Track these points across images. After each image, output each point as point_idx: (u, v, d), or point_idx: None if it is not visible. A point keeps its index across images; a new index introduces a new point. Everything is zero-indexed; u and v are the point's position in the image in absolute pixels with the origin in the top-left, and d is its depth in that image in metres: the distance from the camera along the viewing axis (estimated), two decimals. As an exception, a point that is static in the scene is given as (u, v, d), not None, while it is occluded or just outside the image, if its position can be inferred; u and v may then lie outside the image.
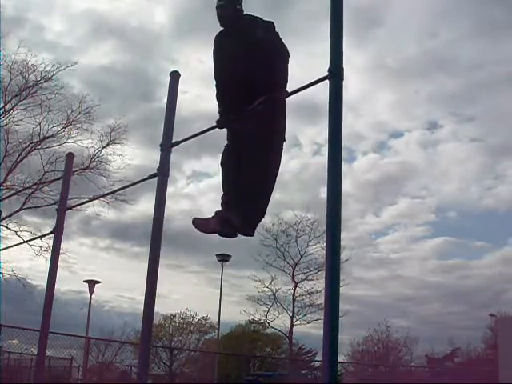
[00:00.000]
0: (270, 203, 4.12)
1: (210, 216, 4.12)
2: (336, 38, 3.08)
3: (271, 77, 3.91)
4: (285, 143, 4.18)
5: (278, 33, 4.07)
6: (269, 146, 4.04)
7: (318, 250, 24.58)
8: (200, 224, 4.16)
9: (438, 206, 44.27)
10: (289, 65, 4.02)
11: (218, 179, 4.30)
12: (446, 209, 49.30)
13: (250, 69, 3.97)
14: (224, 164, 4.22)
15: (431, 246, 43.83)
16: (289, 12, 37.31)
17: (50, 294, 5.32)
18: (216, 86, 4.31)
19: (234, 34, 4.20)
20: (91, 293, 19.75)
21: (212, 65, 4.34)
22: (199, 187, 43.50)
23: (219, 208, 4.14)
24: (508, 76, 41.77)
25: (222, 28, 4.35)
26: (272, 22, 4.08)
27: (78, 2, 37.20)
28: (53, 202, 19.52)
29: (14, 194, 20.92)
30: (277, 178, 4.13)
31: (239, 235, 4.13)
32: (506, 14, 41.34)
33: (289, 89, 3.87)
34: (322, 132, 35.08)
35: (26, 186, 20.91)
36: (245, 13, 4.30)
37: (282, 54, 4.03)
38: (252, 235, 4.13)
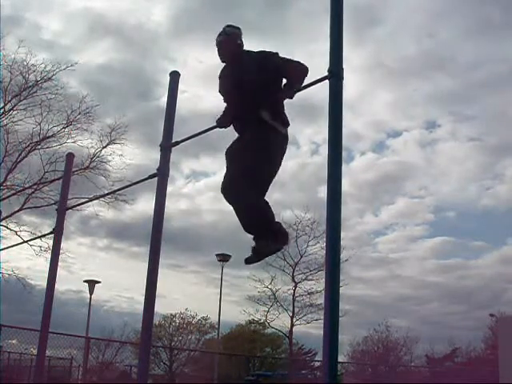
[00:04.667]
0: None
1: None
2: (336, 38, 3.07)
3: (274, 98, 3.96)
4: None
5: (286, 59, 4.04)
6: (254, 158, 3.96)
7: (317, 250, 24.57)
8: (250, 261, 4.06)
9: (437, 205, 44.35)
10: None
11: (216, 179, 4.33)
12: (444, 208, 49.36)
13: (250, 91, 3.98)
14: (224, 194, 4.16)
15: (430, 246, 43.94)
16: (288, 11, 37.40)
17: (50, 293, 5.32)
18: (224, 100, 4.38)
19: (233, 67, 4.21)
20: (91, 293, 19.75)
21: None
22: (198, 187, 43.61)
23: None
24: (506, 75, 41.82)
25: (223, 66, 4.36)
26: (277, 53, 4.07)
27: (76, 1, 37.20)
28: (53, 202, 19.52)
29: (13, 194, 20.90)
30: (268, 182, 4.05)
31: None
32: (504, 14, 41.45)
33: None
34: (320, 131, 35.12)
35: (26, 186, 20.90)
36: (245, 49, 4.28)
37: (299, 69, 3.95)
38: (286, 243, 4.16)
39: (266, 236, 3.95)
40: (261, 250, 4.00)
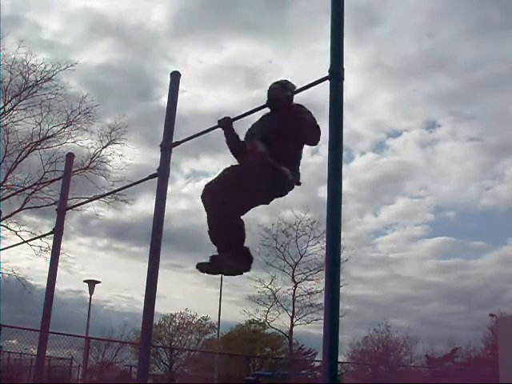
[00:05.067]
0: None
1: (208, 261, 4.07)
2: (336, 39, 3.07)
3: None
4: None
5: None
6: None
7: (317, 250, 24.57)
8: (204, 268, 4.06)
9: (437, 205, 44.36)
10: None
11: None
12: (444, 208, 49.35)
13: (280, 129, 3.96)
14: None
15: (430, 246, 43.94)
16: (289, 11, 37.44)
17: (50, 293, 5.32)
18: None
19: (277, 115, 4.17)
20: (91, 293, 19.74)
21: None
22: (198, 187, 43.59)
23: None
24: (506, 75, 41.83)
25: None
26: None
27: (76, 1, 37.20)
28: (53, 202, 19.52)
29: (13, 194, 20.91)
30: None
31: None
32: (503, 14, 41.46)
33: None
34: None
35: (26, 186, 20.92)
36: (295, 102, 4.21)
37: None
38: (249, 269, 4.14)
39: (236, 254, 3.99)
40: (224, 266, 4.00)
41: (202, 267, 4.02)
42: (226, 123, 4.16)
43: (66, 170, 5.97)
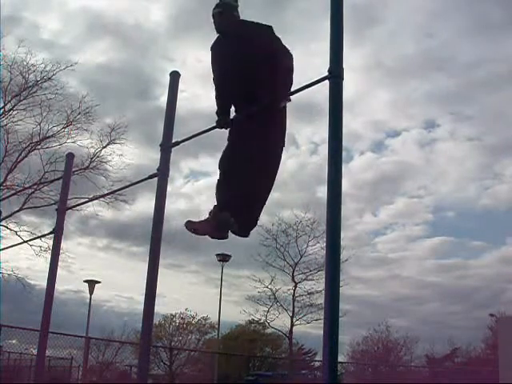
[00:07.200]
0: (268, 202, 4.14)
1: (204, 219, 4.04)
2: (336, 38, 3.07)
3: (274, 76, 3.89)
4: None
5: (278, 37, 4.04)
6: (267, 150, 4.00)
7: (317, 249, 24.57)
8: (193, 227, 4.01)
9: (436, 205, 44.26)
10: (292, 68, 4.01)
11: (215, 178, 4.30)
12: (443, 208, 49.22)
13: (251, 68, 3.95)
14: (223, 166, 4.19)
15: (429, 246, 43.91)
16: (287, 10, 37.40)
17: (50, 293, 5.32)
18: (216, 88, 4.30)
19: (232, 39, 4.14)
20: (91, 293, 19.76)
21: (209, 65, 4.35)
22: (197, 186, 43.55)
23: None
24: (506, 75, 41.80)
25: (216, 37, 4.30)
26: (271, 27, 4.05)
27: (74, 0, 37.19)
28: (53, 202, 19.53)
29: (13, 194, 20.93)
30: (273, 182, 4.12)
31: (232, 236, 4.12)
32: (503, 13, 41.44)
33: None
34: (318, 131, 35.07)
35: (26, 186, 20.94)
36: (242, 19, 4.25)
37: (287, 56, 4.01)
38: (247, 236, 4.13)
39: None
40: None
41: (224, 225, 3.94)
42: (226, 123, 4.16)
43: (66, 170, 5.97)
